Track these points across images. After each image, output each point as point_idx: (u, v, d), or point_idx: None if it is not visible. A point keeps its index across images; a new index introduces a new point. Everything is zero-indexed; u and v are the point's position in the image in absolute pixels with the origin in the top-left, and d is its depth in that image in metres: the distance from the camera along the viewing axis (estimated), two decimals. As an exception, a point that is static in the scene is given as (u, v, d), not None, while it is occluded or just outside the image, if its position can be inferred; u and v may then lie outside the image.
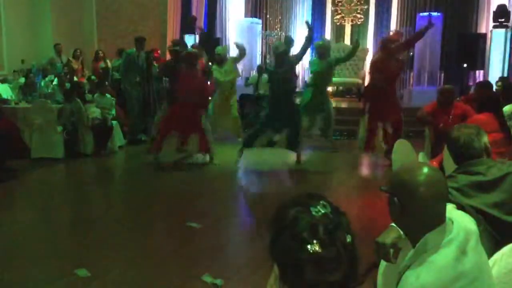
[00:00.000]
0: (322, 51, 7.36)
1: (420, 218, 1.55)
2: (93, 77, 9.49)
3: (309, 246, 1.03)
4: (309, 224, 1.05)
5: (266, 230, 1.15)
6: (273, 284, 1.13)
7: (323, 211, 1.07)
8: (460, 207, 2.03)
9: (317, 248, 1.03)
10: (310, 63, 7.89)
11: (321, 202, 1.09)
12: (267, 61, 12.19)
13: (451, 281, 1.45)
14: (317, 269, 1.03)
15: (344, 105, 10.71)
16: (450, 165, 3.16)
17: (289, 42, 7.80)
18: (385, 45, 6.75)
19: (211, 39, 8.76)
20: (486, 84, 6.46)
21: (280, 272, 1.10)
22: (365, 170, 7.28)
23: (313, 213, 1.07)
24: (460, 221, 1.59)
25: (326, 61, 7.29)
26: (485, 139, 2.45)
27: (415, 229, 1.57)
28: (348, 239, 1.07)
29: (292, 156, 6.91)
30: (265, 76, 9.86)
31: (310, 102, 7.37)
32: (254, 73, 10.16)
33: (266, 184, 6.19)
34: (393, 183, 1.62)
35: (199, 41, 7.48)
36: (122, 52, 9.07)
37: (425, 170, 1.58)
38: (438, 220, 1.55)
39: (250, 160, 6.91)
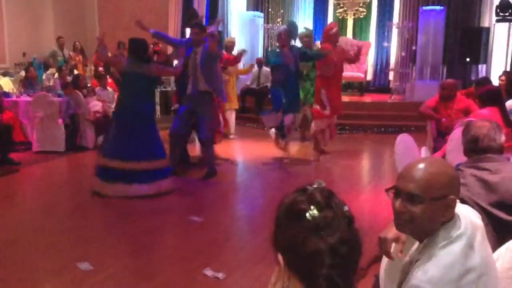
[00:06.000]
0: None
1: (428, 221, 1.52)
2: (100, 68, 9.52)
3: (307, 214, 1.04)
4: (306, 196, 1.08)
5: (269, 224, 1.14)
6: (275, 284, 1.11)
7: (316, 185, 1.10)
8: (464, 201, 2.01)
9: (315, 212, 1.04)
10: None
11: (317, 181, 1.12)
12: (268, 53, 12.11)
13: (459, 276, 1.44)
14: (317, 235, 1.03)
15: (346, 99, 10.65)
16: (452, 159, 3.15)
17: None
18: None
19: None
20: (485, 80, 6.45)
21: (285, 260, 1.08)
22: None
23: (309, 189, 1.10)
24: (466, 216, 1.56)
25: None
26: (502, 138, 2.43)
27: (422, 230, 1.54)
28: (345, 208, 1.09)
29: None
30: (265, 69, 9.81)
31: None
32: (255, 67, 10.10)
33: (267, 177, 6.18)
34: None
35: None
36: (121, 45, 9.18)
37: None
38: (448, 220, 1.53)
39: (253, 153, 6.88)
